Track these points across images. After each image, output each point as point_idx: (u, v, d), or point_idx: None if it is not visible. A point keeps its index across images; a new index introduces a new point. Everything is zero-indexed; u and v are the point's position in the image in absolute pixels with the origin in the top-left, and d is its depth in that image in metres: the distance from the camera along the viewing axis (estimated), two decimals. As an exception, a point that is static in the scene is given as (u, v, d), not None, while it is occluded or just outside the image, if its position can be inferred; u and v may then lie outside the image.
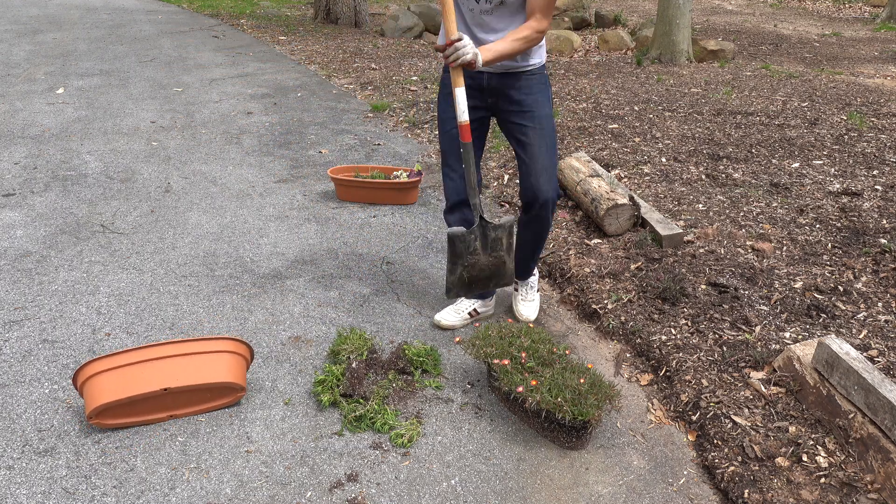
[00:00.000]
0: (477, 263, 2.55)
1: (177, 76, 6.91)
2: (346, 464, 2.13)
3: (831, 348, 2.19)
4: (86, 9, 11.26)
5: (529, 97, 2.55)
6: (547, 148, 2.59)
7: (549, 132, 2.60)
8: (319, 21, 10.59)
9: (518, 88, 2.54)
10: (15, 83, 6.41)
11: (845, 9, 15.63)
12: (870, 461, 2.02)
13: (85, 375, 2.18)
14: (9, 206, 3.83)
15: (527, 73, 2.53)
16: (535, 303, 3.01)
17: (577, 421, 2.15)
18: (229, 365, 2.29)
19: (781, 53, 9.78)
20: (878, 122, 5.58)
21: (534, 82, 2.55)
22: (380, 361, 2.54)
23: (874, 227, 3.59)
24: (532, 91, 2.55)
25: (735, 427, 2.23)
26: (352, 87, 6.74)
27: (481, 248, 2.54)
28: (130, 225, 3.66)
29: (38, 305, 2.90)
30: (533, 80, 2.55)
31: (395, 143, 5.12)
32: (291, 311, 2.93)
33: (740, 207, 3.88)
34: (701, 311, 2.85)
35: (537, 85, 2.56)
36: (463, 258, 2.52)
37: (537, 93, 2.56)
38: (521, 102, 2.55)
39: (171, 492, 2.01)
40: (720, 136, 5.17)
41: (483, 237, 2.52)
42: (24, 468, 2.07)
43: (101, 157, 4.60)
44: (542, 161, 2.57)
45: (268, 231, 3.66)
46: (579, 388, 2.20)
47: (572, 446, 2.23)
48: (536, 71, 2.55)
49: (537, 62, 2.54)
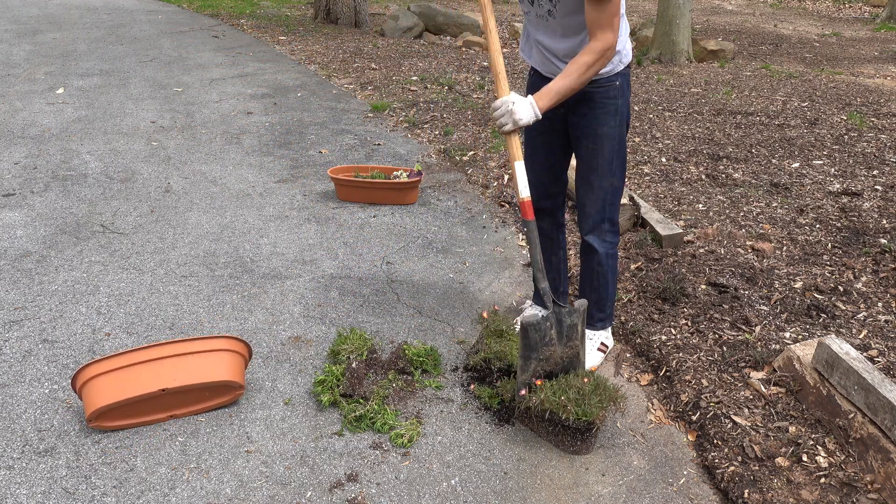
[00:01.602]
0: (552, 356, 2.21)
1: (177, 76, 6.91)
2: (346, 464, 2.13)
3: (831, 348, 2.19)
4: (86, 9, 11.26)
5: (591, 111, 2.29)
6: (596, 172, 2.34)
7: (605, 155, 2.32)
8: (319, 21, 10.59)
9: (582, 101, 2.29)
10: (15, 83, 6.41)
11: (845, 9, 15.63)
12: (870, 461, 2.02)
13: (83, 379, 2.17)
14: (9, 206, 3.83)
15: (591, 86, 2.25)
16: (589, 357, 2.59)
17: (582, 422, 2.12)
18: (227, 363, 2.29)
19: (781, 53, 9.78)
20: (878, 122, 5.58)
21: (597, 96, 2.27)
22: (380, 361, 2.54)
23: (874, 227, 3.59)
24: (594, 105, 2.28)
25: (735, 427, 2.23)
26: (352, 87, 6.74)
27: (556, 338, 2.20)
28: (130, 225, 3.66)
29: (38, 305, 2.90)
30: (597, 93, 2.27)
31: (395, 143, 5.12)
32: (291, 311, 2.93)
33: (740, 207, 3.88)
34: (701, 311, 2.85)
35: (601, 100, 2.27)
36: (538, 350, 2.17)
37: (599, 108, 2.28)
38: (584, 116, 2.31)
39: (171, 492, 2.01)
40: (720, 136, 5.17)
41: (558, 324, 2.19)
42: (24, 468, 2.07)
43: (101, 157, 4.60)
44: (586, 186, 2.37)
45: (268, 231, 3.66)
46: (583, 388, 2.19)
47: (577, 450, 2.21)
48: (605, 82, 2.25)
49: (609, 69, 2.23)
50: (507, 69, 7.58)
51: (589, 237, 2.46)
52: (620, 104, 2.30)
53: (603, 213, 2.42)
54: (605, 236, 2.45)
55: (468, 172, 4.55)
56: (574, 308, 2.21)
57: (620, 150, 2.36)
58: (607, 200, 2.40)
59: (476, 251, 3.53)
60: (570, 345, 2.23)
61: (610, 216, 2.43)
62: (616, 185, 2.39)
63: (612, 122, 2.30)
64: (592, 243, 2.46)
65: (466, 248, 3.56)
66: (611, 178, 2.37)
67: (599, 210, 2.41)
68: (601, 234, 2.45)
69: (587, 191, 2.41)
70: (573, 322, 2.21)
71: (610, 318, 2.66)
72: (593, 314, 2.61)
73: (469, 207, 4.05)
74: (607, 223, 2.44)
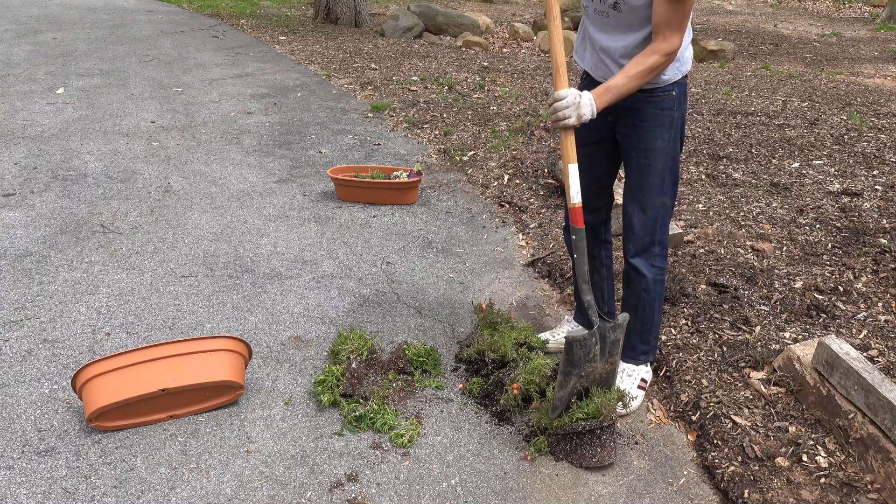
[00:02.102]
0: (593, 373, 2.14)
1: (177, 76, 6.91)
2: (346, 464, 2.13)
3: (831, 348, 2.19)
4: (86, 9, 11.26)
5: (643, 123, 2.14)
6: (646, 190, 2.19)
7: (656, 171, 2.16)
8: (319, 21, 10.59)
9: (633, 110, 2.15)
10: (15, 83, 6.41)
11: (845, 9, 15.63)
12: (870, 461, 2.02)
13: (83, 379, 2.18)
14: (9, 206, 3.83)
15: (645, 93, 2.10)
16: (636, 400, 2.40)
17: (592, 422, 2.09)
18: (227, 363, 2.29)
19: (781, 53, 9.78)
20: (878, 122, 5.58)
21: (651, 106, 2.12)
22: (380, 361, 2.54)
23: (874, 227, 3.59)
24: (646, 116, 2.13)
25: (735, 427, 2.23)
26: (352, 87, 6.74)
27: (599, 354, 2.12)
28: (130, 225, 3.66)
29: (38, 305, 2.90)
30: (651, 102, 2.12)
31: (395, 143, 5.12)
32: (291, 311, 2.93)
33: (740, 207, 3.88)
34: (701, 311, 2.85)
35: (654, 110, 2.12)
36: (580, 367, 2.08)
37: (651, 119, 2.13)
38: (635, 128, 2.16)
39: (171, 492, 2.01)
40: (720, 136, 5.17)
41: (602, 340, 2.10)
42: (24, 468, 2.07)
43: (101, 157, 4.60)
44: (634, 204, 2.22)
45: (268, 231, 3.66)
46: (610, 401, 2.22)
47: (600, 459, 2.11)
48: (660, 92, 2.10)
49: (667, 76, 2.08)
50: (508, 68, 7.60)
51: (635, 260, 2.29)
52: (676, 117, 2.15)
53: (653, 234, 2.24)
54: (654, 260, 2.28)
55: (468, 172, 4.55)
56: (618, 322, 2.13)
57: (674, 167, 2.20)
58: (658, 221, 2.23)
59: (476, 251, 3.53)
60: (611, 360, 2.16)
61: (660, 238, 2.26)
62: (668, 205, 2.23)
63: (665, 136, 2.14)
64: (640, 267, 2.29)
65: (466, 248, 3.56)
66: (662, 196, 2.21)
67: (649, 231, 2.24)
68: (650, 258, 2.28)
69: (636, 210, 2.24)
70: (616, 337, 2.13)
71: (654, 351, 2.47)
72: (636, 345, 2.43)
73: (469, 207, 4.05)
74: (657, 246, 2.27)
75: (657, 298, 2.35)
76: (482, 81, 6.90)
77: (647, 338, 2.43)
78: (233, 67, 7.39)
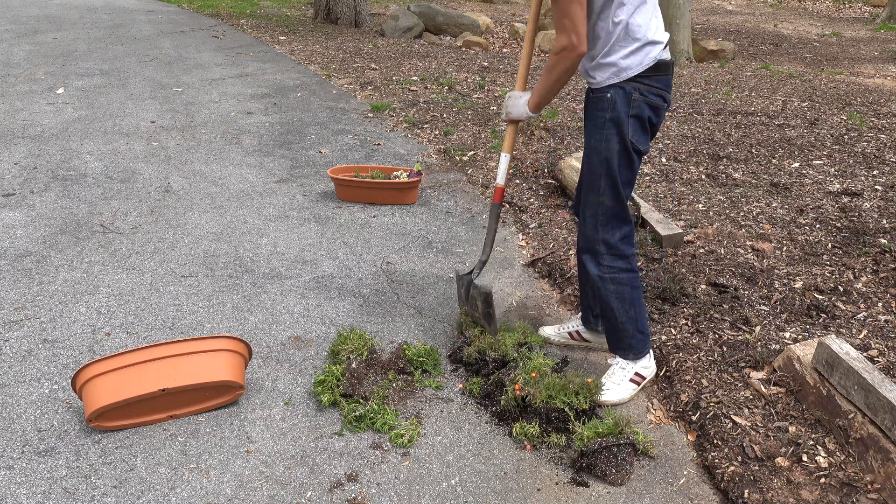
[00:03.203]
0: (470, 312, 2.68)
1: (177, 76, 6.91)
2: (346, 464, 2.13)
3: (831, 348, 2.19)
4: (86, 9, 11.26)
5: (586, 121, 2.24)
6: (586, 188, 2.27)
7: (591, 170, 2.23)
8: (319, 21, 10.59)
9: (586, 108, 2.25)
10: (15, 83, 6.41)
11: (845, 9, 15.63)
12: (870, 461, 2.02)
13: (83, 379, 2.18)
14: (9, 206, 3.83)
15: (591, 91, 2.21)
16: (620, 388, 2.40)
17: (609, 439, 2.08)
18: (227, 363, 2.29)
19: (781, 53, 9.78)
20: (878, 122, 5.58)
21: (590, 104, 2.22)
22: (380, 361, 2.54)
23: (874, 227, 3.58)
24: (587, 114, 2.23)
25: (735, 427, 2.23)
26: (352, 87, 6.74)
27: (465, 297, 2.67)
28: (130, 225, 3.66)
29: (38, 305, 2.90)
30: (591, 101, 2.22)
31: (395, 143, 5.12)
32: (291, 311, 2.93)
33: (740, 207, 3.88)
34: (701, 311, 2.85)
35: (591, 109, 2.21)
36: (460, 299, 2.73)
37: (589, 118, 2.22)
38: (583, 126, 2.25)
39: (171, 492, 2.01)
40: (720, 136, 5.17)
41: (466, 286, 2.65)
42: (24, 468, 2.07)
43: (101, 157, 4.60)
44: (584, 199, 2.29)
45: (268, 231, 3.66)
46: (589, 387, 2.23)
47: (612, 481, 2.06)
48: (598, 91, 2.17)
49: (600, 78, 2.15)
50: (508, 68, 7.59)
51: (582, 256, 2.35)
52: (610, 119, 2.14)
53: (595, 233, 2.28)
54: (601, 259, 2.29)
55: (468, 172, 4.55)
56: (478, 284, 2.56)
57: (610, 171, 2.18)
58: (599, 221, 2.26)
59: (476, 251, 3.53)
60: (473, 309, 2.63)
61: (605, 238, 2.27)
62: (606, 205, 2.23)
63: (598, 136, 2.18)
64: (585, 264, 2.34)
65: (466, 248, 3.56)
66: (597, 195, 2.23)
67: (591, 229, 2.29)
68: (595, 256, 2.31)
69: (583, 206, 2.32)
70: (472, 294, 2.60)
71: (632, 350, 2.40)
72: (612, 341, 2.46)
73: (469, 207, 4.05)
74: (602, 245, 2.28)
75: (614, 297, 2.31)
76: (482, 81, 6.89)
77: (618, 336, 2.39)
78: (233, 67, 7.39)
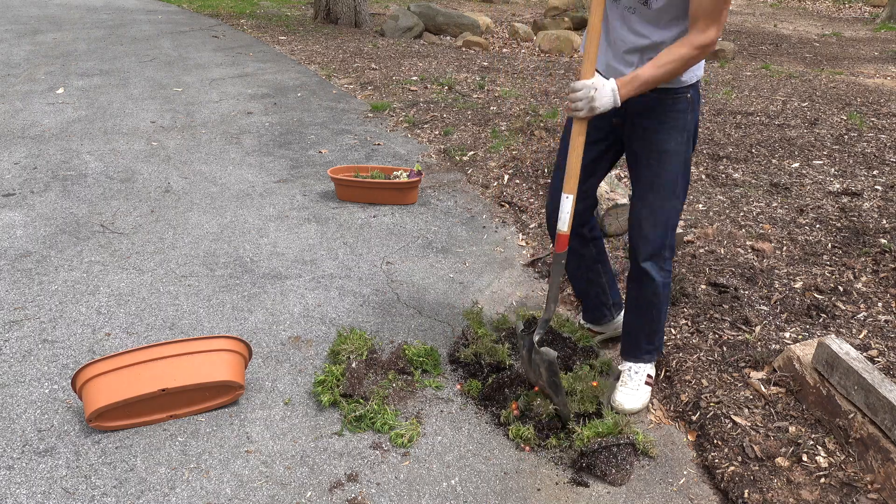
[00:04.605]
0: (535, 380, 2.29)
1: (177, 76, 6.91)
2: (346, 464, 2.13)
3: (831, 348, 2.19)
4: (86, 9, 11.26)
5: (657, 125, 2.09)
6: (657, 193, 2.15)
7: (668, 174, 2.12)
8: (319, 21, 10.59)
9: (646, 111, 2.09)
10: (15, 83, 6.41)
11: (845, 9, 15.63)
12: (870, 461, 2.02)
13: (83, 379, 2.18)
14: (9, 206, 3.83)
15: (665, 91, 2.05)
16: (639, 394, 2.40)
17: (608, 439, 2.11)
18: (227, 363, 2.29)
19: (781, 53, 9.78)
20: (878, 122, 5.58)
21: (665, 107, 2.07)
22: (380, 361, 2.54)
23: (874, 227, 3.59)
24: (659, 118, 2.08)
25: (735, 427, 2.23)
26: (352, 87, 6.74)
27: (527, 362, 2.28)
28: (130, 225, 3.66)
29: (38, 305, 2.90)
30: (665, 103, 2.07)
31: (395, 143, 5.12)
32: (291, 311, 2.93)
33: (740, 207, 3.88)
34: (701, 311, 2.85)
35: (669, 112, 2.07)
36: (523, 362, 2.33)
37: (665, 121, 2.08)
38: (647, 130, 2.10)
39: (171, 492, 2.01)
40: (720, 136, 5.17)
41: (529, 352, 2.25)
42: (24, 468, 2.07)
43: (101, 157, 4.60)
44: (645, 207, 2.18)
45: (268, 231, 3.66)
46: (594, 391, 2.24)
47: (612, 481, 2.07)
48: (675, 92, 2.05)
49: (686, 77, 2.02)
50: (508, 68, 7.59)
51: (647, 264, 2.25)
52: (689, 119, 2.10)
53: (664, 238, 2.21)
54: (664, 264, 2.25)
55: (468, 172, 4.55)
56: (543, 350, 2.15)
57: (685, 171, 2.16)
58: (669, 225, 2.20)
59: (476, 251, 3.53)
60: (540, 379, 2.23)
61: (671, 242, 2.24)
62: (678, 209, 2.21)
63: (678, 139, 2.09)
64: (650, 271, 2.25)
65: (466, 248, 3.56)
66: (674, 200, 2.17)
67: (660, 236, 2.20)
68: (660, 262, 2.24)
69: (647, 213, 2.19)
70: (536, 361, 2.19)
71: (659, 350, 2.48)
72: (642, 346, 2.42)
73: (469, 207, 4.05)
74: (668, 250, 2.24)
75: (665, 301, 2.35)
76: (482, 81, 6.89)
77: (654, 338, 2.43)
78: (233, 67, 7.39)
